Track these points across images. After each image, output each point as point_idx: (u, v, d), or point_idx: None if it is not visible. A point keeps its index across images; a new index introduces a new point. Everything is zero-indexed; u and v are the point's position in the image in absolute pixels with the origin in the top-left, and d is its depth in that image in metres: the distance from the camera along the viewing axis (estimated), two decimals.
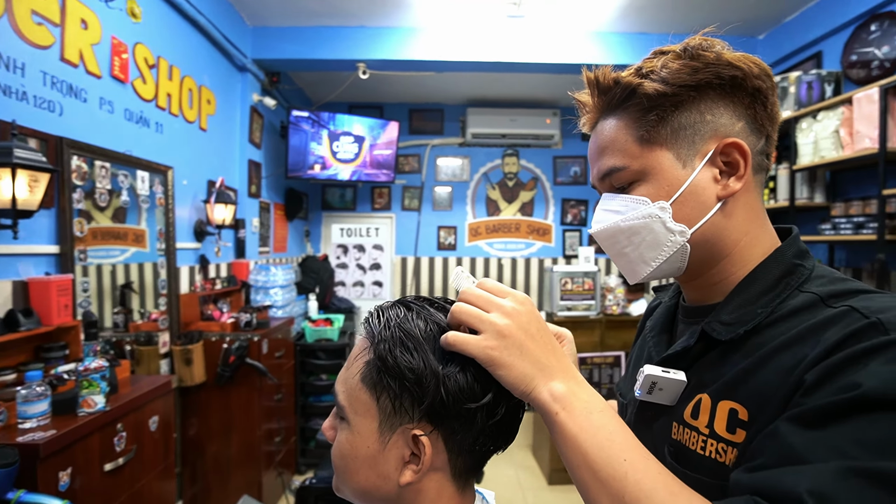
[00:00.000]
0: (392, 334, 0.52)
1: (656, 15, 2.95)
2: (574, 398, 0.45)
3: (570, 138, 4.70)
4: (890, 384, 0.36)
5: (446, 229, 4.63)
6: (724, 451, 0.47)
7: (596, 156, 0.59)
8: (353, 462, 0.54)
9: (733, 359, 0.50)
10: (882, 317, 0.40)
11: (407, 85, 3.99)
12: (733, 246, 0.54)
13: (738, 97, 0.52)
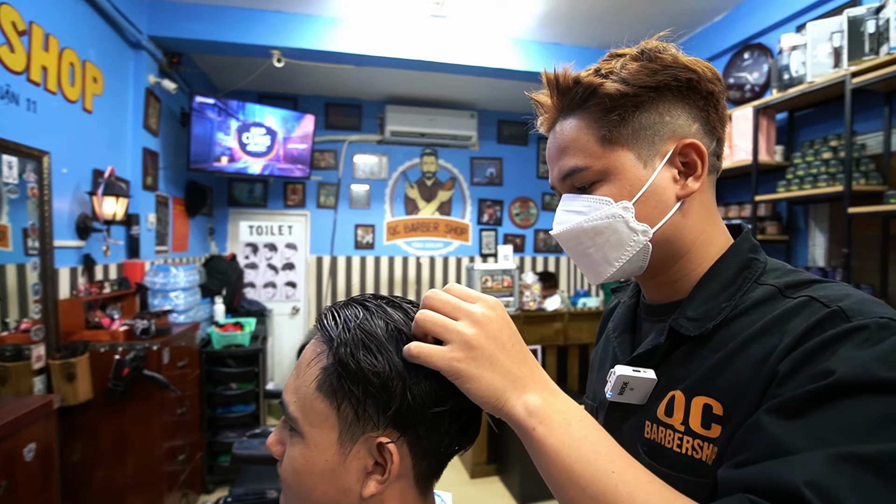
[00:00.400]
0: (353, 336, 0.48)
1: (571, 28, 3.13)
2: (551, 410, 0.43)
3: (486, 140, 4.84)
4: (860, 368, 0.38)
5: (364, 228, 4.53)
6: (701, 447, 0.47)
7: (556, 156, 0.58)
8: (308, 478, 0.49)
9: (702, 354, 0.51)
10: (842, 304, 0.43)
11: (324, 77, 3.84)
12: (691, 244, 0.55)
13: (693, 99, 0.54)
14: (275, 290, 4.33)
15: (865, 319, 0.41)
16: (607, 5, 2.84)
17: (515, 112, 4.89)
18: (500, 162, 4.89)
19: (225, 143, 3.32)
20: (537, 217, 5.00)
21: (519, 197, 4.95)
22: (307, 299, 4.39)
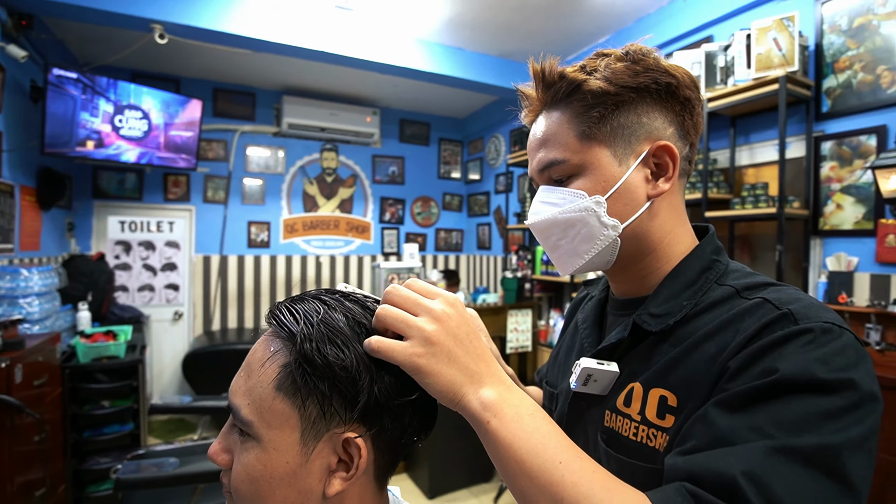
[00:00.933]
0: (318, 331, 0.47)
1: (474, 34, 3.25)
2: (504, 404, 0.44)
3: (388, 138, 4.82)
4: (801, 369, 0.41)
5: (258, 225, 4.24)
6: (655, 436, 0.50)
7: (536, 147, 0.59)
8: (266, 484, 0.47)
9: (662, 348, 0.53)
10: (792, 308, 0.45)
11: (212, 59, 3.51)
12: (658, 243, 0.57)
13: (670, 104, 0.56)
14: (153, 294, 3.87)
15: (811, 323, 0.43)
16: (509, 17, 3.01)
17: (418, 112, 4.94)
18: (402, 161, 4.90)
19: (92, 125, 2.89)
20: (438, 216, 5.11)
21: (421, 196, 5.01)
22: (192, 303, 3.99)
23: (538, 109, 0.61)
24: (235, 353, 3.43)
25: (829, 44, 2.11)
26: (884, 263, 1.95)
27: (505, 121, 4.49)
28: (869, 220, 1.99)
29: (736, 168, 2.50)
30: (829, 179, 2.12)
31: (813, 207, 2.16)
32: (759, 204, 2.14)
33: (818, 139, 2.15)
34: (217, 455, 0.51)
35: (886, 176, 1.81)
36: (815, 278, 2.17)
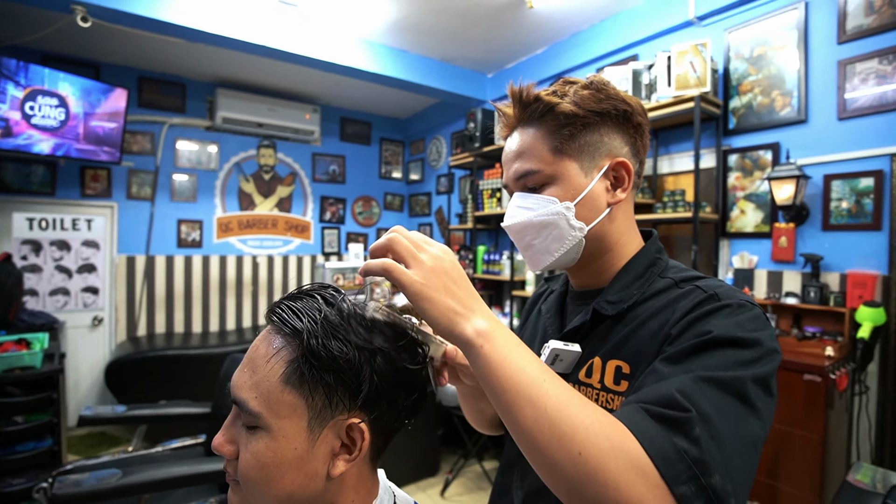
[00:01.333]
0: (322, 327, 0.52)
1: (418, 38, 3.31)
2: (497, 333, 0.49)
3: (329, 136, 4.75)
4: (725, 330, 0.52)
5: (189, 224, 4.02)
6: (612, 400, 0.60)
7: (513, 158, 0.68)
8: (276, 469, 0.51)
9: (617, 328, 0.64)
10: (718, 290, 0.58)
11: (137, 45, 3.29)
12: (614, 243, 0.68)
13: (626, 127, 0.66)
14: (67, 298, 3.54)
15: (731, 300, 0.56)
16: (452, 24, 3.10)
17: (359, 110, 4.91)
18: (343, 160, 4.85)
19: None
20: (380, 216, 5.11)
21: (362, 196, 4.99)
22: (113, 307, 3.70)
23: (513, 125, 0.69)
24: (166, 360, 3.24)
25: (735, 69, 2.41)
26: (777, 261, 2.26)
27: (446, 123, 4.58)
28: (766, 224, 2.30)
29: (658, 176, 2.76)
30: (734, 188, 2.42)
31: (722, 212, 2.45)
32: (678, 209, 2.39)
33: (726, 152, 2.44)
34: (222, 446, 0.54)
35: (779, 186, 2.11)
36: (723, 274, 2.46)
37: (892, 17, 1.90)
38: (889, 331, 1.93)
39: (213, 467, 1.51)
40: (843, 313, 1.99)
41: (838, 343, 1.94)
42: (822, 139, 2.11)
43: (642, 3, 2.78)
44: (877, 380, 1.99)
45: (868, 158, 1.98)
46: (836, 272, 2.08)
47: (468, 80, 3.88)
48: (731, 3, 2.38)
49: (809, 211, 2.15)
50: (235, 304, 4.22)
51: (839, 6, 2.05)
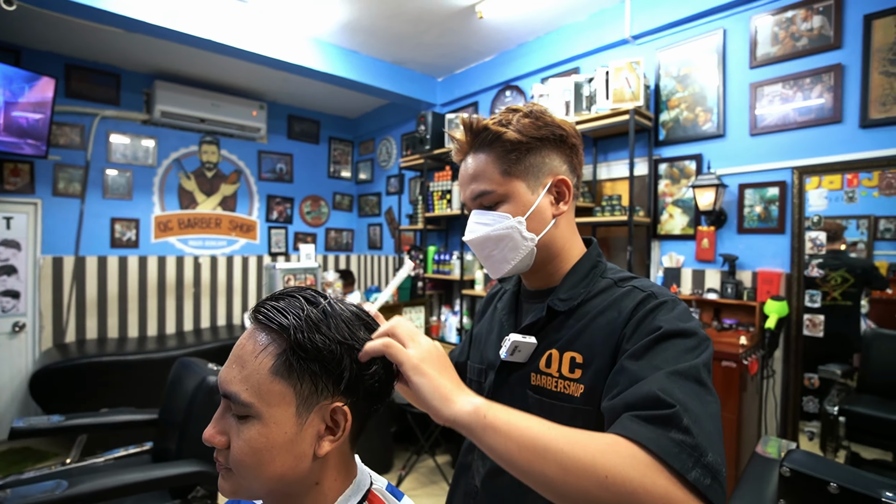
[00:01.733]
0: (307, 323, 0.58)
1: (369, 40, 3.34)
2: (490, 406, 0.54)
3: (276, 134, 4.65)
4: (672, 324, 0.63)
5: (124, 222, 3.80)
6: (568, 386, 0.70)
7: (469, 181, 0.77)
8: (268, 453, 0.56)
9: (568, 323, 0.73)
10: (652, 290, 0.70)
11: (66, 31, 3.08)
12: (561, 249, 0.78)
13: (563, 149, 0.77)
14: None
15: (665, 298, 0.68)
16: (405, 28, 3.15)
17: (308, 109, 4.84)
18: (291, 158, 4.77)
19: None
20: (329, 216, 5.06)
21: (310, 195, 4.92)
22: (37, 312, 3.44)
23: (466, 151, 0.78)
24: (100, 367, 3.06)
25: (665, 85, 2.64)
26: (700, 261, 2.51)
27: (396, 124, 4.62)
28: (691, 227, 2.54)
29: (598, 181, 2.96)
30: (664, 194, 2.65)
31: (653, 216, 2.68)
32: (615, 212, 2.59)
33: (656, 161, 2.67)
34: (213, 437, 0.59)
35: (702, 193, 2.34)
36: (654, 273, 2.69)
37: (793, 48, 2.18)
38: (791, 321, 2.21)
39: (165, 473, 1.49)
40: (755, 307, 2.25)
41: (750, 333, 2.20)
42: (738, 152, 2.37)
43: (584, 20, 2.97)
44: (781, 364, 2.27)
45: (774, 170, 2.25)
46: (748, 270, 2.34)
47: (419, 83, 3.94)
48: (661, 25, 2.61)
49: (727, 216, 2.41)
50: (176, 307, 4.04)
51: (751, 35, 2.31)
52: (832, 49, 2.08)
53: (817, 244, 2.14)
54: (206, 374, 1.76)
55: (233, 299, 4.37)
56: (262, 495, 0.60)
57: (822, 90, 2.10)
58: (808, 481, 1.08)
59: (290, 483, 0.59)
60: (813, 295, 2.15)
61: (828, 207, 2.12)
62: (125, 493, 1.40)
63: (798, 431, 2.23)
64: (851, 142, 2.04)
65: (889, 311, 2.10)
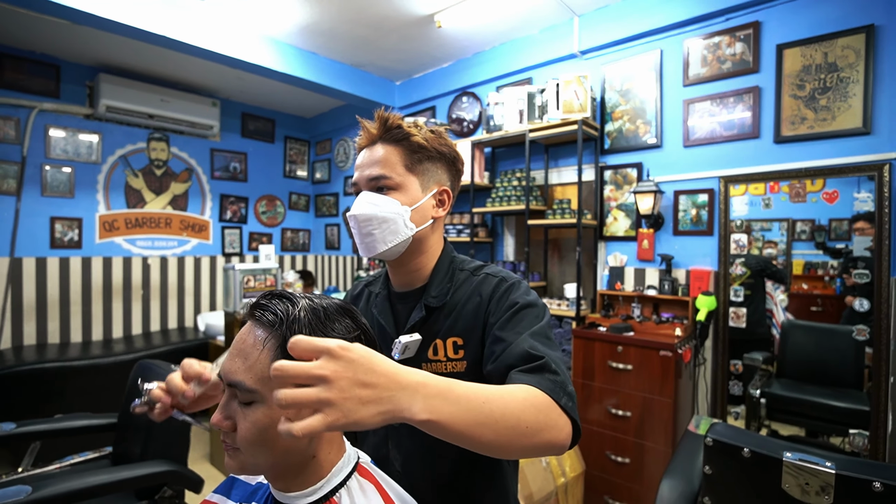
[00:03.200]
0: (297, 317, 0.67)
1: (329, 43, 3.36)
2: (433, 400, 0.51)
3: (230, 132, 4.56)
4: (522, 298, 0.83)
5: (66, 222, 3.62)
6: (455, 365, 0.86)
7: (369, 164, 0.87)
8: (273, 431, 0.65)
9: (443, 314, 0.88)
10: (502, 275, 0.89)
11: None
12: (429, 247, 0.91)
13: (451, 169, 0.93)
14: None
15: (513, 280, 0.88)
16: (364, 33, 3.21)
17: (263, 107, 4.77)
18: (245, 157, 4.68)
19: None
20: (284, 216, 5.01)
21: (265, 195, 4.85)
22: None
23: (374, 139, 0.89)
24: (42, 374, 2.91)
25: (609, 98, 2.86)
26: (641, 260, 2.74)
27: (354, 125, 4.65)
28: (633, 229, 2.77)
29: (549, 186, 3.15)
30: (609, 198, 2.87)
31: (599, 219, 2.89)
32: (565, 215, 2.78)
33: (602, 168, 2.89)
34: (221, 422, 0.66)
35: (642, 198, 2.57)
36: (601, 272, 2.91)
37: (719, 69, 2.44)
38: (719, 314, 2.48)
39: (134, 473, 1.50)
40: (688, 301, 2.49)
41: (684, 325, 2.44)
42: (673, 162, 2.62)
43: (536, 34, 3.14)
44: (711, 353, 2.53)
45: (704, 179, 2.51)
46: (683, 268, 2.59)
47: (377, 86, 4.00)
48: (606, 43, 2.83)
49: (664, 219, 2.65)
50: (123, 310, 3.88)
51: (684, 56, 2.56)
52: (751, 73, 2.35)
53: (740, 245, 2.41)
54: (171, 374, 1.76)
55: (184, 301, 4.24)
56: (265, 469, 0.68)
57: (743, 108, 2.37)
58: (726, 448, 1.27)
59: (292, 457, 0.67)
60: (737, 290, 2.42)
61: (748, 212, 2.39)
62: (92, 496, 1.40)
63: (726, 413, 2.50)
64: (767, 155, 2.31)
65: (804, 304, 2.38)
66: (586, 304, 2.88)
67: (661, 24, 2.60)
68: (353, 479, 0.71)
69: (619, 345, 2.37)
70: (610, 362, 2.39)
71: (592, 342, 2.46)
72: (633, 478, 2.32)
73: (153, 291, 4.04)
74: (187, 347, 3.53)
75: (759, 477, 1.21)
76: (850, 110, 2.09)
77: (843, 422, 2.18)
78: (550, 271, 3.22)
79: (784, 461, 1.16)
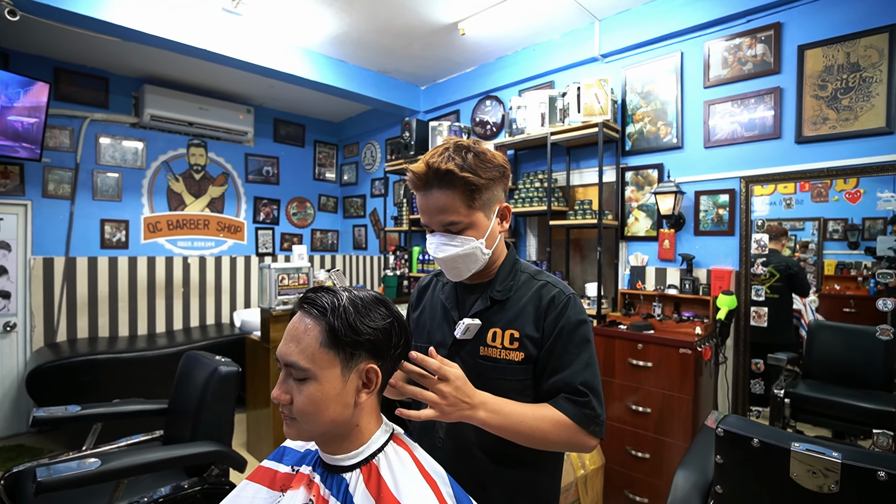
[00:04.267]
0: (344, 309, 0.78)
1: (357, 51, 3.51)
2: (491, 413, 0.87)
3: (262, 137, 4.77)
4: (577, 315, 0.98)
5: (114, 223, 3.88)
6: (510, 353, 0.97)
7: (437, 212, 0.95)
8: (323, 403, 0.76)
9: (505, 307, 1.01)
10: (560, 286, 1.01)
11: (56, 36, 3.15)
12: (498, 256, 1.05)
13: (503, 181, 1.00)
14: None
15: (568, 294, 1.00)
16: (391, 41, 3.34)
17: (293, 113, 4.97)
18: (277, 161, 4.89)
19: None
20: (314, 217, 5.20)
21: (296, 197, 5.05)
22: (28, 312, 3.49)
23: (428, 185, 0.95)
24: (94, 365, 3.15)
25: (630, 101, 2.90)
26: (662, 260, 2.78)
27: (380, 129, 4.80)
28: (654, 229, 2.81)
29: (571, 187, 3.21)
30: (630, 199, 2.92)
31: (620, 219, 2.94)
32: (586, 216, 2.84)
33: (623, 169, 2.94)
34: (280, 396, 0.78)
35: (663, 199, 2.61)
36: (622, 271, 2.96)
37: (740, 71, 2.47)
38: (740, 313, 2.50)
39: (186, 452, 1.65)
40: (709, 300, 2.53)
41: (704, 324, 2.48)
42: (694, 162, 2.65)
43: (557, 38, 3.21)
44: (732, 352, 2.56)
45: (725, 179, 2.54)
46: (704, 268, 2.62)
47: (403, 91, 4.13)
48: (627, 46, 2.88)
49: (685, 220, 2.69)
50: (165, 307, 4.12)
51: (704, 58, 2.59)
52: (772, 74, 2.37)
53: (761, 245, 2.43)
54: (216, 365, 1.92)
55: (221, 298, 4.47)
56: (318, 435, 0.79)
57: (765, 109, 2.39)
58: (736, 438, 1.32)
59: (339, 425, 0.79)
60: (758, 290, 2.44)
61: (769, 212, 2.41)
62: (151, 470, 1.56)
63: (747, 411, 2.52)
64: (789, 155, 2.33)
65: (837, 305, 2.35)
66: (607, 302, 2.94)
67: (682, 26, 2.63)
68: (389, 447, 0.82)
69: (639, 342, 2.42)
70: (630, 360, 2.45)
71: (613, 340, 2.52)
72: (652, 472, 2.37)
73: (192, 289, 4.28)
74: (224, 342, 3.74)
75: (768, 466, 1.26)
76: (874, 110, 2.09)
77: (870, 423, 2.15)
78: (572, 270, 3.28)
79: (792, 451, 1.22)
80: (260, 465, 0.92)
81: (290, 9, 2.93)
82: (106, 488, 1.57)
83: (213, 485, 1.73)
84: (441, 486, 0.78)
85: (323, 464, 0.82)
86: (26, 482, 1.66)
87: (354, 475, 0.78)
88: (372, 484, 0.76)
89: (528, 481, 1.02)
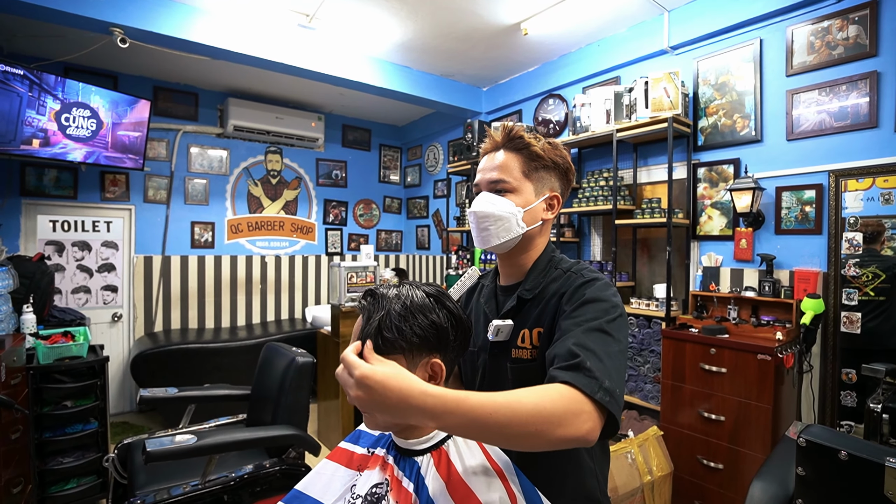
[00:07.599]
0: (388, 313, 0.82)
1: (421, 57, 3.61)
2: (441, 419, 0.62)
3: (332, 142, 5.02)
4: (592, 294, 0.85)
5: (202, 225, 4.26)
6: (537, 350, 0.92)
7: (491, 168, 0.97)
8: None
9: (533, 307, 0.95)
10: (585, 272, 0.92)
11: (154, 58, 3.50)
12: (534, 246, 1.00)
13: (564, 178, 1.00)
14: (89, 296, 3.75)
15: (590, 277, 0.90)
16: (454, 45, 3.41)
17: (360, 118, 5.19)
18: (345, 164, 5.12)
19: (39, 123, 2.83)
20: (379, 218, 5.39)
21: (363, 199, 5.26)
22: (132, 304, 3.92)
23: (498, 146, 0.99)
24: (186, 353, 3.48)
25: (703, 93, 2.77)
26: (739, 260, 2.63)
27: (443, 131, 4.89)
28: (729, 228, 2.67)
29: (638, 185, 3.11)
30: (702, 197, 2.78)
31: (692, 218, 2.81)
32: (654, 214, 2.74)
33: (695, 166, 2.80)
34: None
35: (739, 196, 2.47)
36: (694, 272, 2.83)
37: (829, 56, 2.28)
38: (828, 318, 2.31)
39: (269, 433, 1.80)
40: (791, 304, 2.36)
41: (786, 329, 2.31)
42: (774, 156, 2.48)
43: (624, 32, 3.13)
44: (819, 360, 2.37)
45: (810, 174, 2.35)
46: (786, 269, 2.45)
47: (465, 94, 4.19)
48: (699, 36, 2.75)
49: (764, 217, 2.52)
50: (245, 302, 4.47)
51: (787, 44, 2.42)
52: (868, 57, 2.17)
53: (854, 244, 2.23)
54: (294, 356, 2.07)
55: (294, 295, 4.76)
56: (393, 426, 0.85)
57: (858, 96, 2.19)
58: (821, 450, 1.24)
59: None
60: (850, 293, 2.24)
61: (864, 208, 2.21)
62: (238, 448, 1.72)
63: (836, 425, 2.32)
64: (887, 146, 2.12)
65: None
66: (677, 304, 2.82)
67: (761, 11, 2.48)
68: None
69: (711, 346, 2.31)
70: (702, 364, 2.34)
71: (683, 343, 2.42)
72: (726, 485, 2.25)
73: (269, 286, 4.60)
74: (298, 336, 3.99)
75: (858, 481, 1.18)
76: None
77: None
78: (639, 271, 3.18)
79: (887, 466, 1.13)
80: (338, 447, 1.01)
81: (359, 21, 3.08)
82: (200, 462, 1.74)
83: (290, 466, 1.87)
84: (508, 475, 0.82)
85: (396, 447, 0.89)
86: (136, 452, 1.88)
87: (426, 459, 0.84)
88: (442, 468, 0.81)
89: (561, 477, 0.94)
